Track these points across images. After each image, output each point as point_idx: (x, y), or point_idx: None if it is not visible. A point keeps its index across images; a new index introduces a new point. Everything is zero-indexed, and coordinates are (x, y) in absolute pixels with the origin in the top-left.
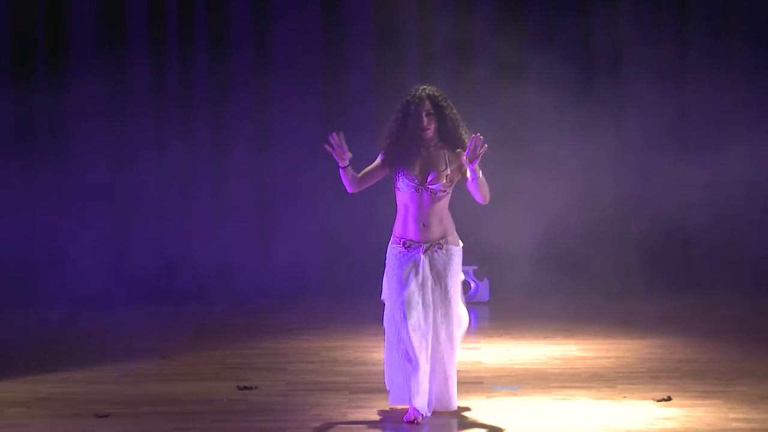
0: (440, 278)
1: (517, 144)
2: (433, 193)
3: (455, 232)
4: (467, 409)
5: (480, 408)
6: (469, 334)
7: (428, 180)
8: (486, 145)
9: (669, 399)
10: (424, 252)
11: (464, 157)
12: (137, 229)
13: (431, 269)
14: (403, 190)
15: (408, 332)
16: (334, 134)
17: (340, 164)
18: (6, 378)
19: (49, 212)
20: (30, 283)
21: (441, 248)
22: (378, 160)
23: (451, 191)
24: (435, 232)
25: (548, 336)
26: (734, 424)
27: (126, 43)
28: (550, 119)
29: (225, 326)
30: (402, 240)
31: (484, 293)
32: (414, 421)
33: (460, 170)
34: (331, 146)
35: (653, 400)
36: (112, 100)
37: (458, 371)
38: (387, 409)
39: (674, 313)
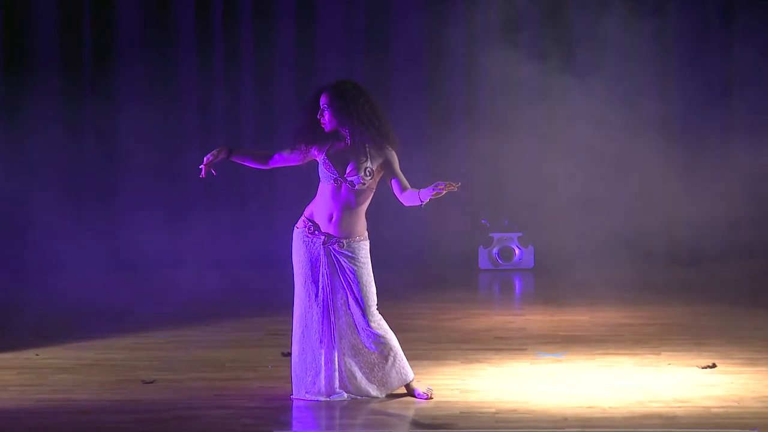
0: (345, 269)
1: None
2: (351, 185)
3: (364, 235)
4: (512, 375)
5: (524, 374)
6: (513, 301)
7: (347, 171)
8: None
9: (714, 366)
10: (324, 244)
11: (432, 193)
12: (186, 207)
13: (336, 260)
14: (323, 181)
15: (317, 314)
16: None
17: (226, 156)
18: (51, 344)
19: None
20: (72, 249)
21: (341, 246)
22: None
23: (372, 188)
24: (342, 229)
25: (592, 303)
26: None
27: (173, 41)
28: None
29: (269, 293)
30: (308, 221)
31: (528, 260)
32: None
33: (383, 167)
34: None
35: (698, 366)
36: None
37: (502, 338)
38: (422, 373)
39: (719, 281)
